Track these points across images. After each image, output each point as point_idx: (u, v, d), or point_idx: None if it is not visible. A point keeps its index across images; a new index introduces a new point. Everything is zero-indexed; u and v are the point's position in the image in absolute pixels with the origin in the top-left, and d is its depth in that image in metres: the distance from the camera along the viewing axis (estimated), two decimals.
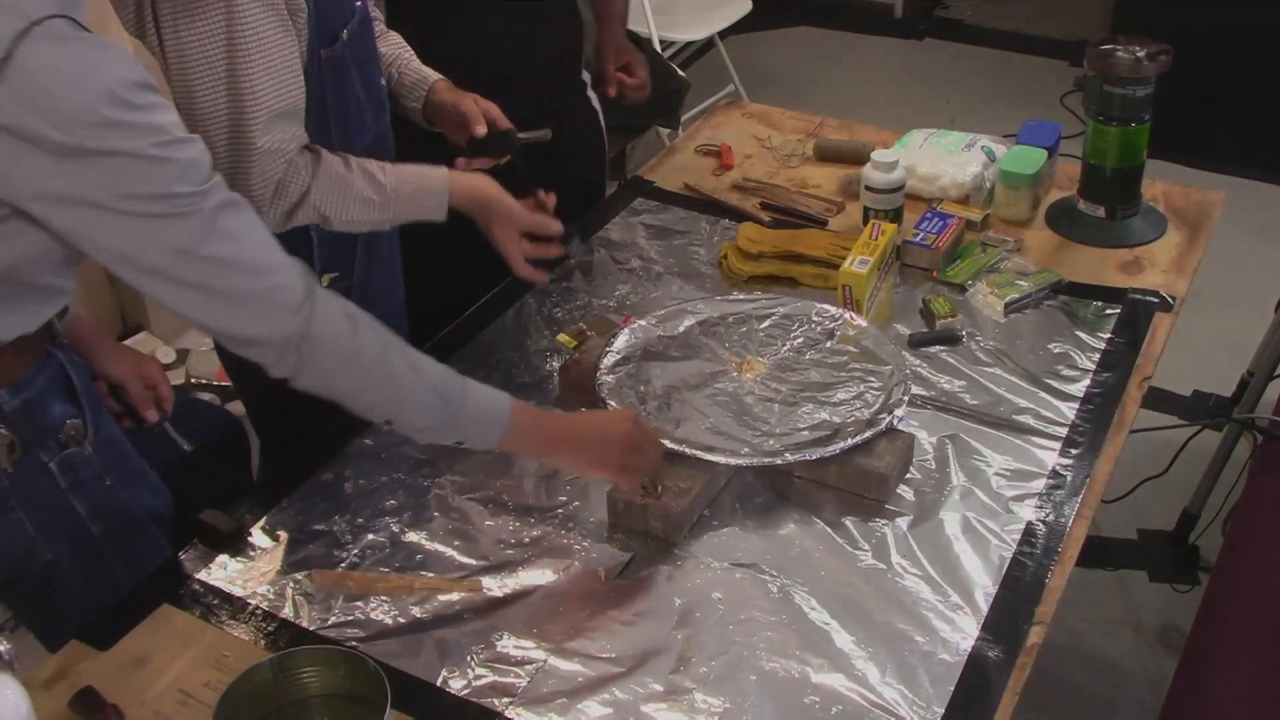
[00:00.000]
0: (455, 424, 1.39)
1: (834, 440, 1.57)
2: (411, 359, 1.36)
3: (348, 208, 1.59)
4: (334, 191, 1.57)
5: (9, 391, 1.39)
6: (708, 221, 2.17)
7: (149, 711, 1.32)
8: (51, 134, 1.13)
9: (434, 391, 1.37)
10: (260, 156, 1.50)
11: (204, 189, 1.22)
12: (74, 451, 1.46)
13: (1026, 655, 1.35)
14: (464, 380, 1.40)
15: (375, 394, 1.35)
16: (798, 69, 4.81)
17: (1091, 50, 2.03)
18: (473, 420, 1.40)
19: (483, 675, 1.36)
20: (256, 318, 1.27)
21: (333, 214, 1.58)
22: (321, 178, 1.56)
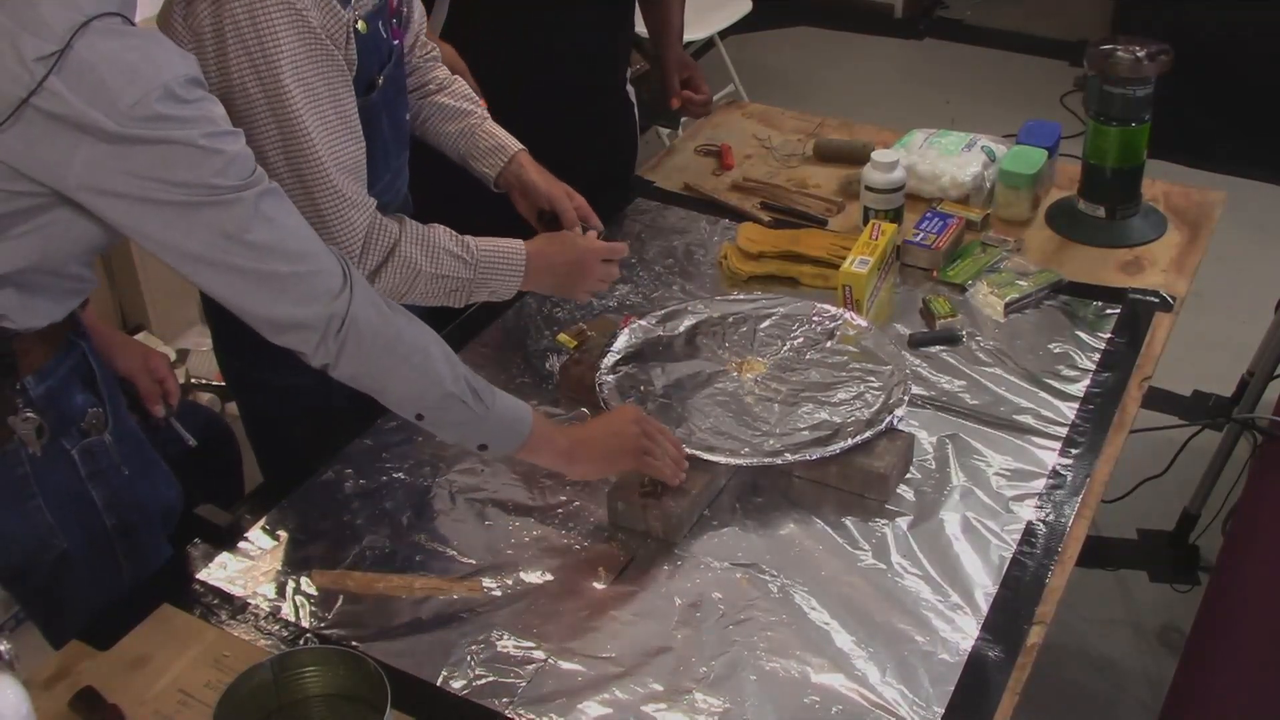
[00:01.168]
0: (484, 424, 1.43)
1: (834, 440, 1.57)
2: (448, 352, 1.40)
3: (437, 259, 1.55)
4: (421, 243, 1.55)
5: (35, 378, 1.40)
6: (708, 221, 2.17)
7: (149, 711, 1.32)
8: (106, 124, 1.17)
9: (469, 387, 1.40)
10: (345, 206, 1.48)
11: (248, 180, 1.26)
12: (95, 440, 1.48)
13: (1026, 655, 1.35)
14: (490, 384, 1.44)
15: (412, 384, 1.39)
16: (798, 69, 4.81)
17: (1091, 50, 2.03)
18: (500, 423, 1.44)
19: (483, 675, 1.36)
20: (299, 302, 1.31)
21: (425, 264, 1.55)
22: (408, 230, 1.55)
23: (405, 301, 1.54)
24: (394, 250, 1.53)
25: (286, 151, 1.44)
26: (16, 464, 1.42)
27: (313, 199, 1.46)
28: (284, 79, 1.40)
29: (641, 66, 2.42)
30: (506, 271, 1.60)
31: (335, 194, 1.47)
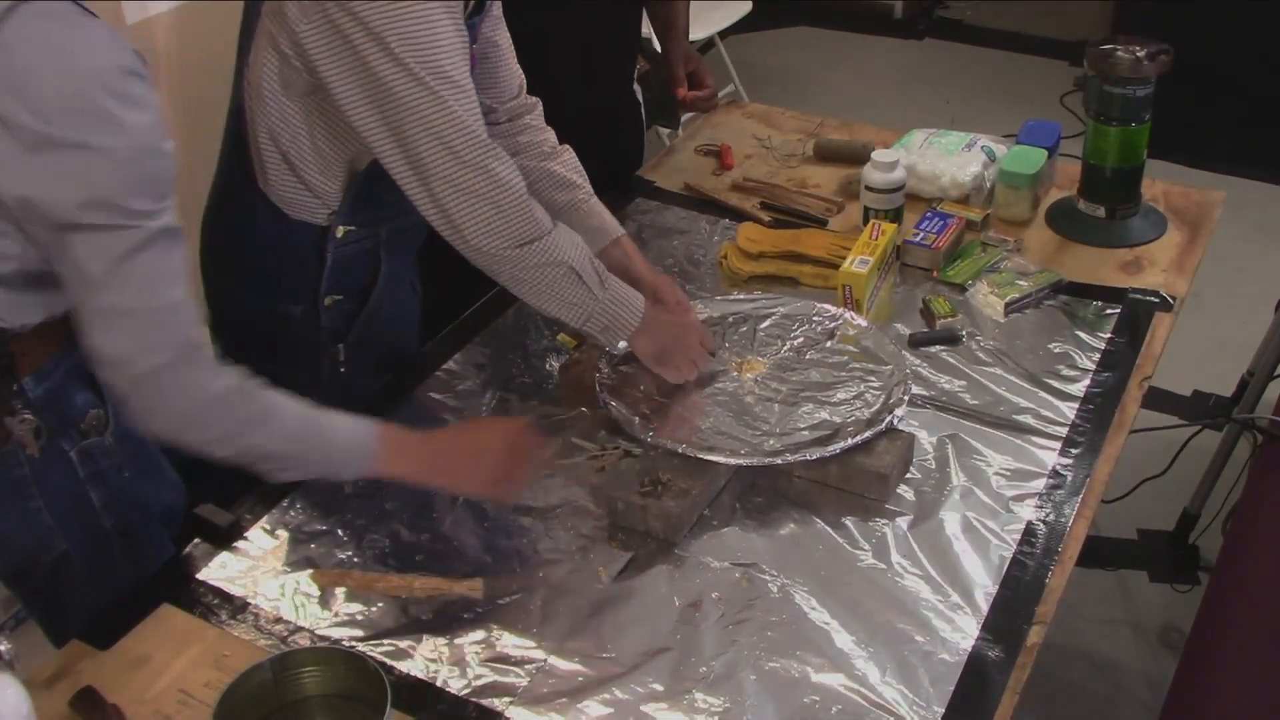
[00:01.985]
0: (311, 458, 1.39)
1: (834, 440, 1.57)
2: (267, 401, 1.35)
3: (580, 253, 1.60)
4: (570, 246, 1.59)
5: (33, 379, 1.39)
6: (708, 221, 2.17)
7: (149, 711, 1.32)
8: (27, 120, 1.13)
9: (291, 432, 1.36)
10: (485, 146, 1.52)
11: (157, 209, 1.23)
12: (95, 441, 1.47)
13: (1026, 655, 1.35)
14: (323, 413, 1.39)
15: (232, 438, 1.34)
16: (798, 69, 4.81)
17: (1091, 50, 2.03)
18: (334, 452, 1.39)
19: (483, 675, 1.36)
20: (138, 336, 1.26)
21: (571, 255, 1.58)
22: (562, 229, 1.60)
23: (535, 298, 1.60)
24: (552, 230, 1.58)
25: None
26: (15, 465, 1.41)
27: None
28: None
29: (643, 66, 2.43)
30: (627, 311, 1.63)
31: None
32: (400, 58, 1.45)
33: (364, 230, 1.71)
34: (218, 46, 1.92)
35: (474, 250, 1.57)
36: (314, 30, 1.48)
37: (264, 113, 1.59)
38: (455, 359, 1.85)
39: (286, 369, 1.77)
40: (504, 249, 1.56)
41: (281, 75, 1.55)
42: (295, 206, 1.66)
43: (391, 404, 1.76)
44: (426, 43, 1.46)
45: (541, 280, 1.59)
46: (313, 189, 1.64)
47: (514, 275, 1.59)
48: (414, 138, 1.49)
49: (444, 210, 1.54)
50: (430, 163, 1.51)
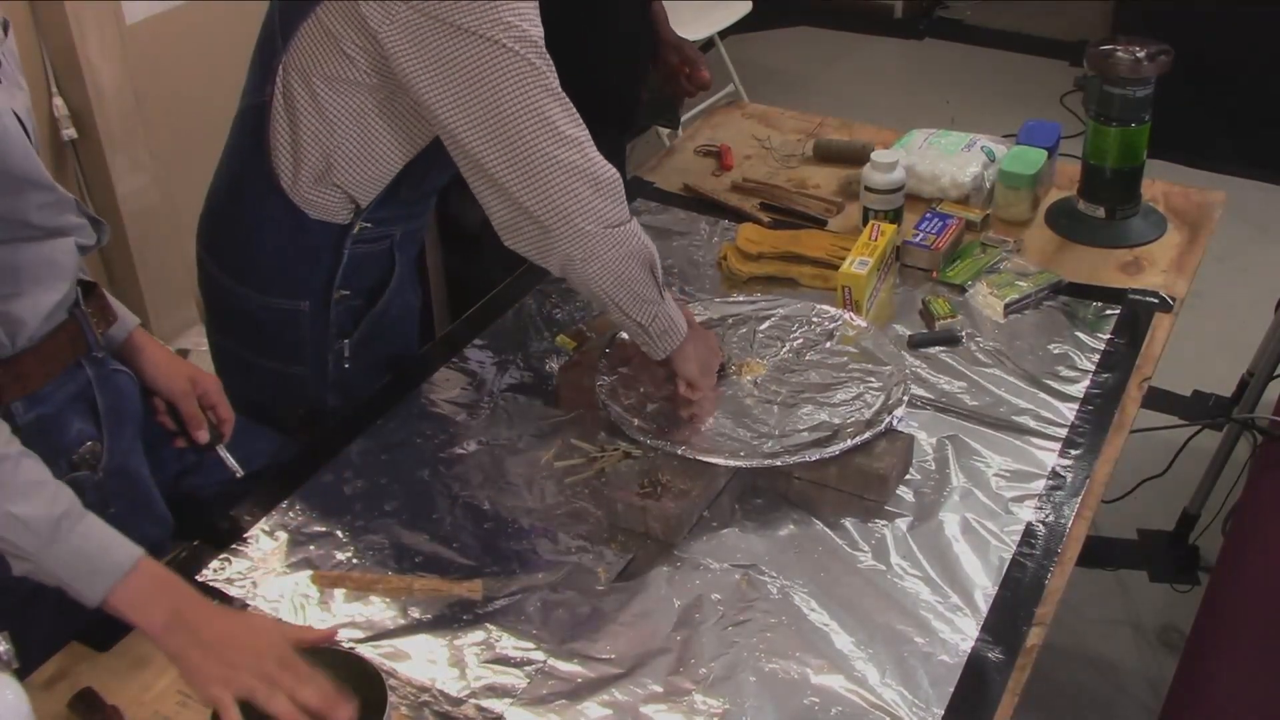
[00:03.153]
0: (43, 556, 1.23)
1: (834, 441, 1.57)
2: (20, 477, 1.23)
3: (653, 248, 1.59)
4: (643, 243, 1.58)
5: (24, 404, 1.36)
6: (708, 222, 2.17)
7: (149, 712, 1.32)
8: None
9: (11, 515, 1.21)
10: (582, 142, 1.52)
11: None
12: (84, 475, 1.42)
13: (1026, 656, 1.35)
14: (84, 515, 1.25)
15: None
16: (798, 69, 4.81)
17: (1091, 50, 2.03)
18: (70, 557, 1.23)
19: (482, 676, 1.36)
20: None
21: (648, 246, 1.58)
22: (636, 224, 1.59)
23: (615, 288, 1.56)
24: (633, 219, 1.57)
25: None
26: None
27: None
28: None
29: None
30: (679, 321, 1.62)
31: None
32: (489, 36, 1.43)
33: (379, 229, 1.71)
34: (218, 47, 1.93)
35: (573, 232, 1.51)
36: (397, 29, 1.45)
37: (314, 113, 1.57)
38: (455, 360, 1.85)
39: (291, 366, 1.78)
40: (598, 229, 1.52)
41: (343, 74, 1.54)
42: (319, 208, 1.65)
43: (391, 404, 1.76)
44: (521, 22, 1.45)
45: (624, 270, 1.55)
46: (349, 190, 1.64)
47: (605, 262, 1.54)
48: (512, 116, 1.46)
49: (542, 192, 1.49)
50: (529, 141, 1.47)
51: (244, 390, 1.80)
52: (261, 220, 1.68)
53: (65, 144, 2.80)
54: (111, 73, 2.77)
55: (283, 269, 1.70)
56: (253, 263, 1.72)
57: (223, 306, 1.81)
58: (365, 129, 1.59)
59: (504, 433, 1.70)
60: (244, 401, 1.73)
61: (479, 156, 1.49)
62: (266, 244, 1.70)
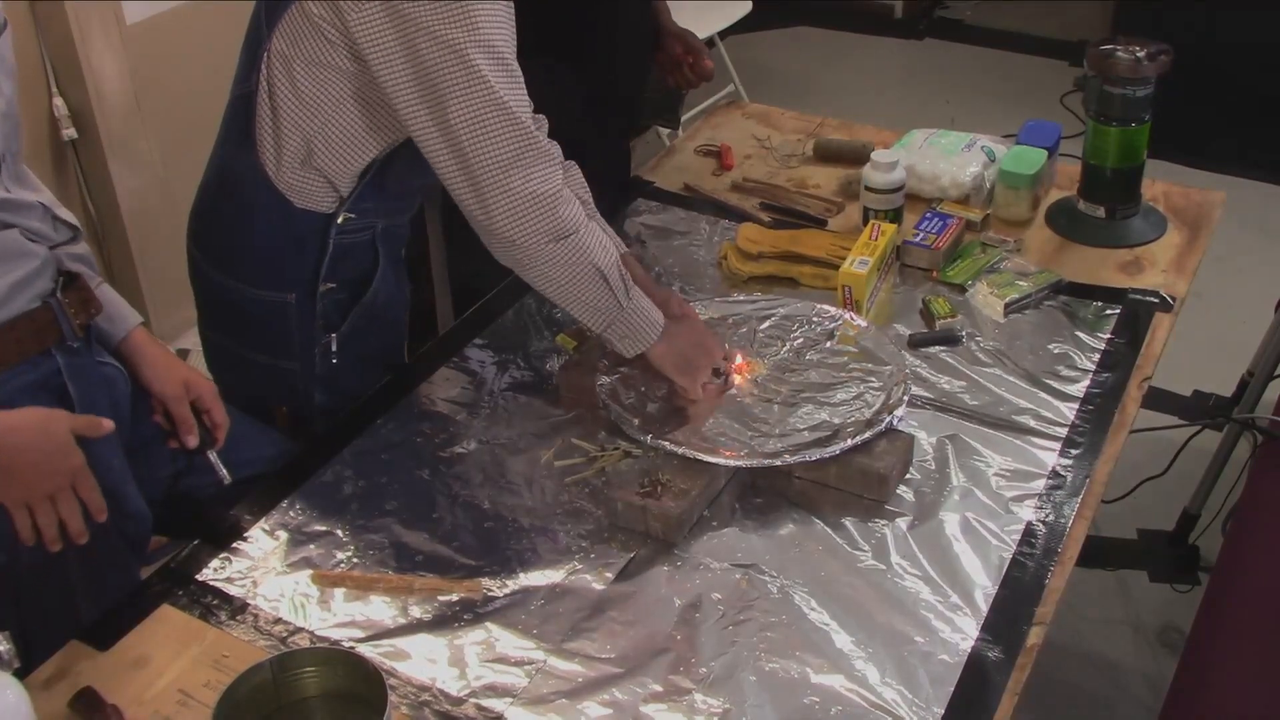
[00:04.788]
0: None
1: (834, 441, 1.57)
2: None
3: (607, 252, 1.60)
4: (598, 244, 1.59)
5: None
6: (708, 221, 2.17)
7: (149, 711, 1.33)
8: None
9: None
10: (536, 153, 1.54)
11: None
12: None
13: (1026, 655, 1.35)
14: None
15: None
16: (798, 69, 4.81)
17: (1091, 50, 2.03)
18: None
19: (483, 675, 1.36)
20: None
21: (599, 258, 1.59)
22: (593, 227, 1.61)
23: (561, 297, 1.60)
24: (578, 229, 1.57)
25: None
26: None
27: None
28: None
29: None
30: (649, 324, 1.63)
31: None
32: (451, 42, 1.46)
33: (362, 220, 1.72)
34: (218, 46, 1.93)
35: (505, 243, 1.56)
36: (364, 16, 1.48)
37: (293, 98, 1.59)
38: (455, 359, 1.85)
39: (280, 360, 1.78)
40: (537, 243, 1.55)
41: (322, 58, 1.56)
42: (304, 195, 1.67)
43: (391, 404, 1.76)
44: (486, 26, 1.47)
45: (569, 279, 1.58)
46: (329, 176, 1.65)
47: (543, 272, 1.58)
48: (457, 123, 1.49)
49: (481, 198, 1.53)
50: (470, 149, 1.50)
51: (235, 384, 1.81)
52: (249, 209, 1.69)
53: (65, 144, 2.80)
54: (111, 73, 2.77)
55: (270, 259, 1.71)
56: (240, 254, 1.73)
57: (212, 300, 1.82)
58: (342, 115, 1.61)
59: (504, 432, 1.71)
60: (237, 396, 1.74)
61: (430, 154, 1.54)
62: (253, 234, 1.71)
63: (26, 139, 2.55)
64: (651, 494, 1.52)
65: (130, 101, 2.83)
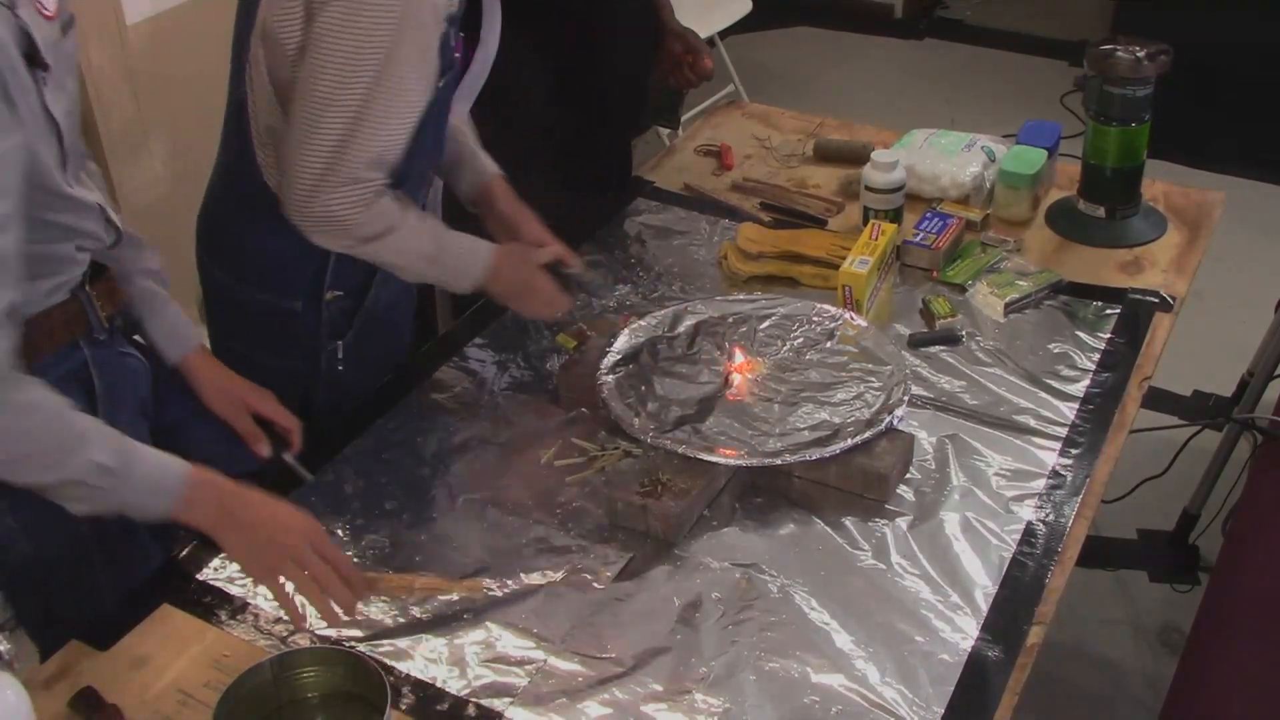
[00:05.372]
0: (115, 495, 1.33)
1: (834, 440, 1.57)
2: (77, 426, 1.31)
3: (410, 258, 1.63)
4: (406, 239, 1.61)
5: None
6: (708, 221, 2.17)
7: (149, 711, 1.33)
8: None
9: (91, 461, 1.30)
10: (350, 185, 1.53)
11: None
12: None
13: (1026, 655, 1.35)
14: (134, 444, 1.35)
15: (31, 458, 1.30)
16: (798, 69, 4.80)
17: (1091, 50, 2.03)
18: (139, 484, 1.34)
19: (483, 675, 1.36)
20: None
21: (399, 260, 1.63)
22: (410, 219, 1.61)
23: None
24: (388, 233, 1.58)
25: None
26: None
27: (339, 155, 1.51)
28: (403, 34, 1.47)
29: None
30: (464, 274, 1.68)
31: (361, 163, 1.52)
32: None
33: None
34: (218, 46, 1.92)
35: (320, 242, 1.60)
36: (282, 16, 1.51)
37: (261, 106, 1.60)
38: (455, 359, 1.85)
39: (286, 363, 1.78)
40: (350, 242, 1.59)
41: (270, 69, 1.57)
42: None
43: (392, 404, 1.76)
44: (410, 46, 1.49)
45: (394, 263, 1.65)
46: None
47: (372, 254, 1.62)
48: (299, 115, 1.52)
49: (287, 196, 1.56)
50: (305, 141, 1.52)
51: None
52: (251, 214, 1.69)
53: None
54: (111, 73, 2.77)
55: (275, 265, 1.71)
56: (247, 258, 1.73)
57: (221, 302, 1.82)
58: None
59: (504, 432, 1.71)
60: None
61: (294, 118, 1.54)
62: (257, 238, 1.71)
63: None
64: (651, 494, 1.52)
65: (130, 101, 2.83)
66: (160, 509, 1.35)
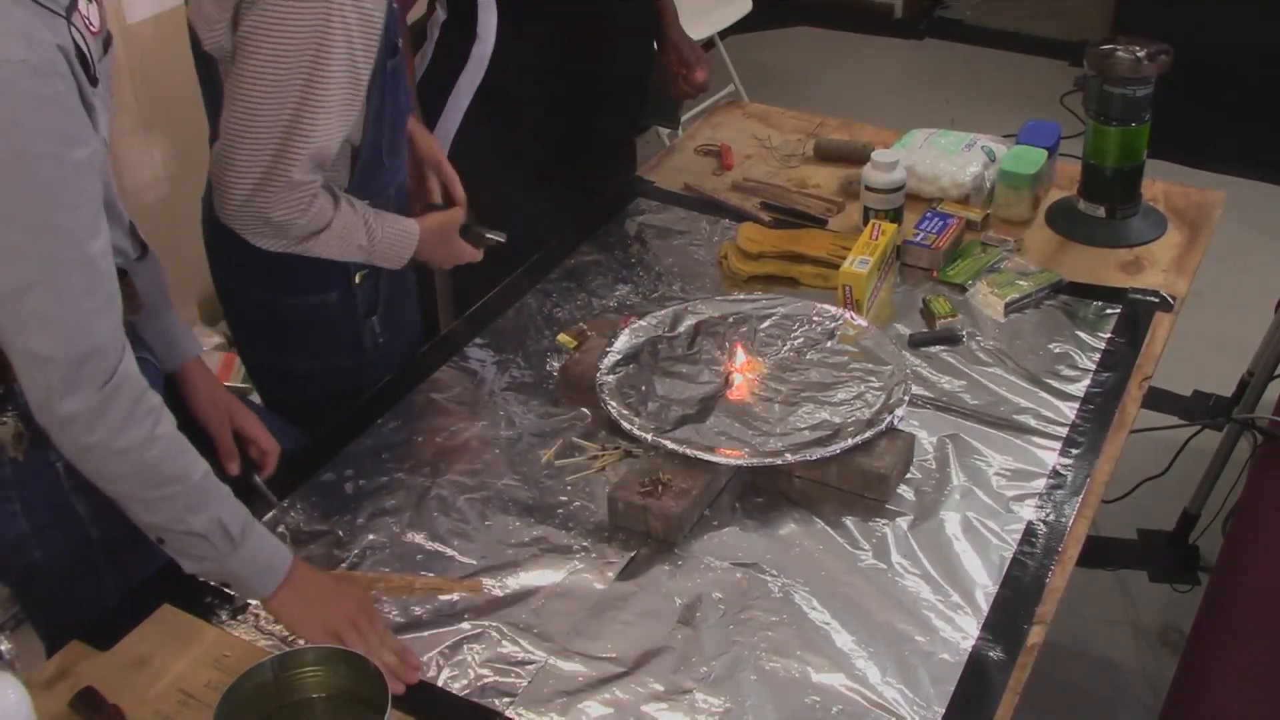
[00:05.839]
0: (229, 560, 1.35)
1: (834, 440, 1.57)
2: (206, 477, 1.34)
3: (346, 250, 1.64)
4: (341, 235, 1.61)
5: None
6: (708, 221, 2.17)
7: (149, 711, 1.33)
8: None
9: (217, 519, 1.33)
10: (288, 191, 1.52)
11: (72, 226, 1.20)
12: None
13: (1026, 655, 1.35)
14: (253, 520, 1.38)
15: (156, 514, 1.32)
16: (798, 69, 4.81)
17: (1091, 50, 2.03)
18: (248, 562, 1.36)
19: (483, 675, 1.36)
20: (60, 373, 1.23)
21: (334, 253, 1.63)
22: (343, 214, 1.60)
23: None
24: (323, 231, 1.59)
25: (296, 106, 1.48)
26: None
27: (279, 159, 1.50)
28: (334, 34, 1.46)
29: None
30: (399, 256, 1.70)
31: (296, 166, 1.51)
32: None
33: (379, 198, 1.72)
34: None
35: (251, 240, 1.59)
36: (214, 25, 1.52)
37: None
38: (455, 359, 1.85)
39: (329, 362, 1.79)
40: (285, 246, 1.59)
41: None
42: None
43: (392, 403, 1.76)
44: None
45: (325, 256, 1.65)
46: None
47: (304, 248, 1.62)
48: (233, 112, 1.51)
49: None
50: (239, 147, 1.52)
51: (287, 399, 1.84)
52: None
53: None
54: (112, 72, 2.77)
55: (306, 264, 1.69)
56: (272, 267, 1.71)
57: (251, 319, 1.82)
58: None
59: (504, 432, 1.71)
60: (288, 408, 1.79)
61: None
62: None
63: None
64: (651, 494, 1.52)
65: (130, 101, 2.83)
66: (264, 588, 1.37)
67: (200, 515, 1.32)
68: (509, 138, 2.15)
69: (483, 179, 1.90)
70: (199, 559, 1.35)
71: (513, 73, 2.10)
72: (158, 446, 1.29)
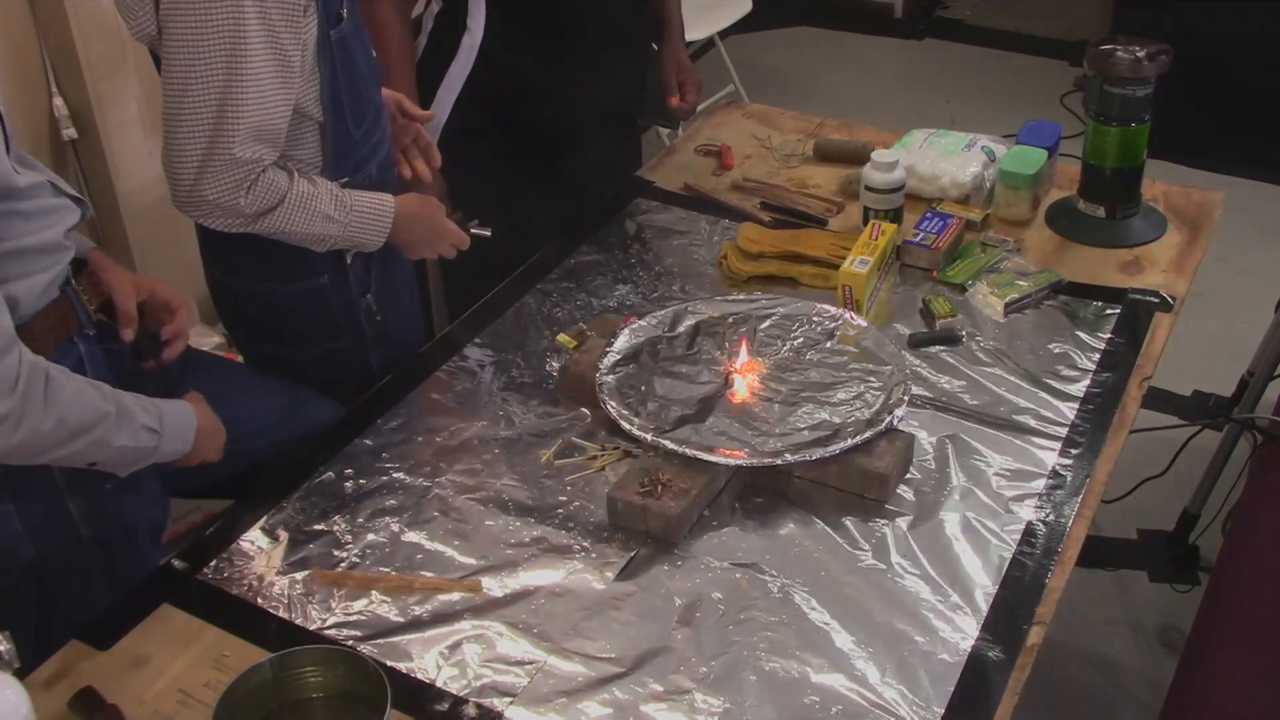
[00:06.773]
0: (157, 451, 1.49)
1: (834, 440, 1.57)
2: (117, 402, 1.43)
3: (311, 221, 1.64)
4: (301, 206, 1.62)
5: None
6: (708, 221, 2.17)
7: (149, 711, 1.33)
8: None
9: (139, 426, 1.45)
10: (230, 169, 1.52)
11: None
12: None
13: (1026, 655, 1.35)
14: (158, 402, 1.50)
15: (84, 444, 1.40)
16: (798, 69, 4.80)
17: (1091, 50, 2.03)
18: (172, 440, 1.51)
19: (483, 675, 1.36)
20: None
21: (300, 227, 1.63)
22: (298, 185, 1.61)
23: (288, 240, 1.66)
24: (278, 207, 1.59)
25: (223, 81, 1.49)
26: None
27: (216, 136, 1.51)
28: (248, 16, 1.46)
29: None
30: (375, 229, 1.71)
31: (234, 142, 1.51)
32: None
33: (358, 176, 1.73)
34: None
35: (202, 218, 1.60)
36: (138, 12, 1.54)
37: None
38: (454, 359, 1.85)
39: (330, 346, 1.80)
40: (243, 225, 1.60)
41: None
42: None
43: (391, 403, 1.76)
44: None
45: (295, 235, 1.66)
46: (295, 156, 1.66)
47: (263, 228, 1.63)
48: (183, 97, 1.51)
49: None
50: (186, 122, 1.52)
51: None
52: None
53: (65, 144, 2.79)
54: (111, 73, 2.77)
55: (294, 250, 1.71)
56: (263, 255, 1.72)
57: (249, 314, 1.83)
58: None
59: (503, 432, 1.71)
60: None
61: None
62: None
63: (27, 139, 2.56)
64: (651, 494, 1.52)
65: (130, 101, 2.83)
66: (186, 445, 1.53)
67: (123, 432, 1.43)
68: (504, 134, 2.15)
69: (481, 177, 1.91)
70: (132, 464, 1.47)
71: (508, 71, 2.10)
72: (72, 413, 1.37)
